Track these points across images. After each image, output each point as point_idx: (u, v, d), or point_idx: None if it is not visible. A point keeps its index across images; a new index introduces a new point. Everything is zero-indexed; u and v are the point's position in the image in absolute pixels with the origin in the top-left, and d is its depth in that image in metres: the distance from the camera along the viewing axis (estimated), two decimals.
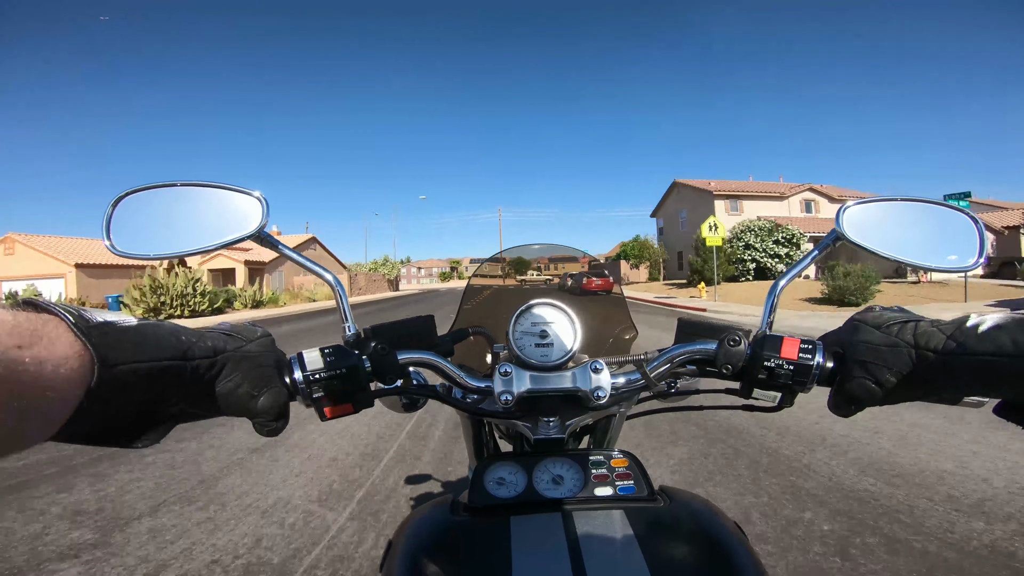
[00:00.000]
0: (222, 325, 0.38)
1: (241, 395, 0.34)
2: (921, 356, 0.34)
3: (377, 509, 1.70)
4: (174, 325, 0.33)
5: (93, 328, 0.26)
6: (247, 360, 0.35)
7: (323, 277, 0.48)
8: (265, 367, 0.36)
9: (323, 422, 0.42)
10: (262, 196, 0.45)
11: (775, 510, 1.64)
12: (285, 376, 0.38)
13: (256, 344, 0.37)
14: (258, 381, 0.35)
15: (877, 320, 0.39)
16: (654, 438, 2.39)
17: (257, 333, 0.38)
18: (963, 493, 1.72)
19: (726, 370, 0.43)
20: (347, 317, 0.46)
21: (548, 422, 0.47)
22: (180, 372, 0.31)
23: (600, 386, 0.44)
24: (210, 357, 0.33)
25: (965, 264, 0.45)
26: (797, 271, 0.47)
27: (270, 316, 12.56)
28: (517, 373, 0.45)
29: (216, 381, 0.33)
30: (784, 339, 0.41)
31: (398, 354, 0.43)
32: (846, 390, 0.38)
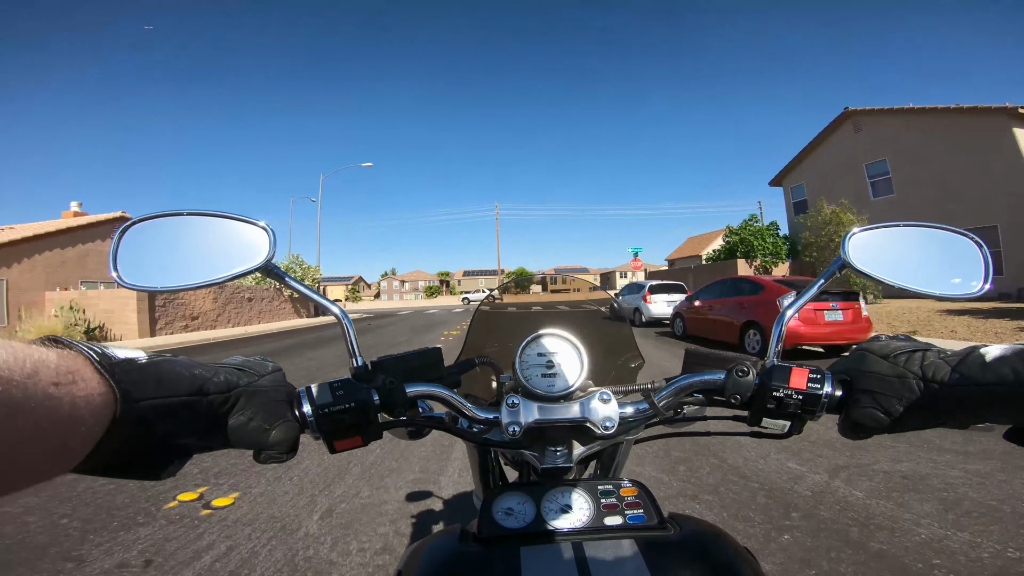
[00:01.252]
0: (234, 359, 0.42)
1: (253, 429, 0.37)
2: (928, 386, 0.38)
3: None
4: (190, 360, 0.37)
5: (116, 366, 0.29)
6: (259, 395, 0.38)
7: (330, 310, 0.50)
8: (276, 402, 0.39)
9: (332, 455, 0.45)
10: (268, 226, 0.48)
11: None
12: (295, 409, 0.41)
13: (268, 379, 0.40)
14: (270, 415, 0.39)
15: (884, 350, 0.43)
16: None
17: (268, 368, 0.42)
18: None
19: (735, 400, 0.47)
20: (355, 351, 0.49)
21: (555, 451, 0.51)
22: (196, 407, 0.34)
23: (608, 416, 0.47)
24: (224, 392, 0.36)
25: (970, 290, 0.49)
26: (805, 300, 0.51)
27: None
28: (524, 404, 0.48)
29: (230, 415, 0.37)
30: (793, 369, 0.45)
31: (406, 387, 0.46)
32: (854, 418, 0.42)
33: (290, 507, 2.10)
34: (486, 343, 0.75)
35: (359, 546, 1.75)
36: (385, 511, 2.04)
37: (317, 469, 2.58)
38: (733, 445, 2.75)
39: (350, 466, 2.60)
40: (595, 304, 0.83)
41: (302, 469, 2.57)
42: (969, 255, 0.51)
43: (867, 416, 0.41)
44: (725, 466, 2.48)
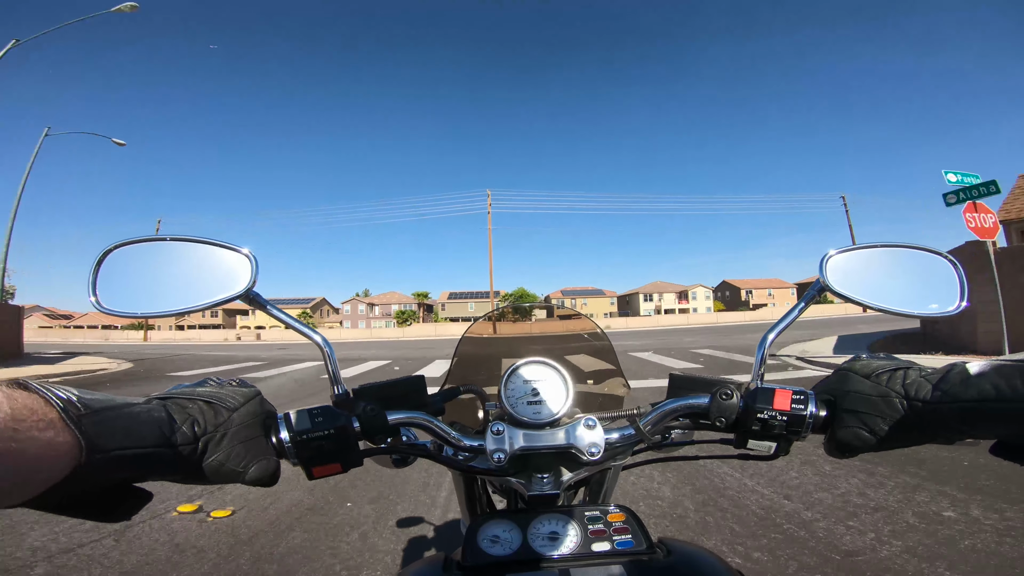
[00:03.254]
0: (205, 387, 0.46)
1: (227, 472, 0.43)
2: (911, 405, 0.45)
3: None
4: (163, 408, 0.41)
5: (84, 416, 0.33)
6: (228, 438, 0.43)
7: (312, 339, 0.56)
8: (250, 440, 0.44)
9: (310, 480, 0.50)
10: (251, 253, 0.54)
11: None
12: (272, 437, 0.47)
13: (242, 412, 0.45)
14: (244, 455, 0.43)
15: (866, 369, 0.50)
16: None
17: (241, 399, 0.46)
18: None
19: (720, 423, 0.53)
20: (336, 379, 0.55)
21: (542, 478, 0.57)
22: (164, 456, 0.39)
23: (594, 442, 0.54)
24: (192, 443, 0.41)
25: (947, 310, 0.57)
26: (786, 324, 0.58)
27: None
28: (509, 431, 0.55)
29: (202, 460, 0.42)
30: (776, 391, 0.51)
31: (388, 414, 0.52)
32: (840, 438, 0.49)
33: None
34: (471, 371, 0.83)
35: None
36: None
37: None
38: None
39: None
40: (582, 333, 0.91)
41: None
42: (945, 275, 0.59)
43: (852, 435, 0.48)
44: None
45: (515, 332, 1.04)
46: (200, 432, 0.41)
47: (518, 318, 1.04)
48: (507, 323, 1.01)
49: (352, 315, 71.49)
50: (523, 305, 1.90)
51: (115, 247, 0.52)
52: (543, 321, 1.06)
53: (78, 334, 49.29)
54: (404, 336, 42.64)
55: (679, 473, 2.95)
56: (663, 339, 17.88)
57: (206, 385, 0.47)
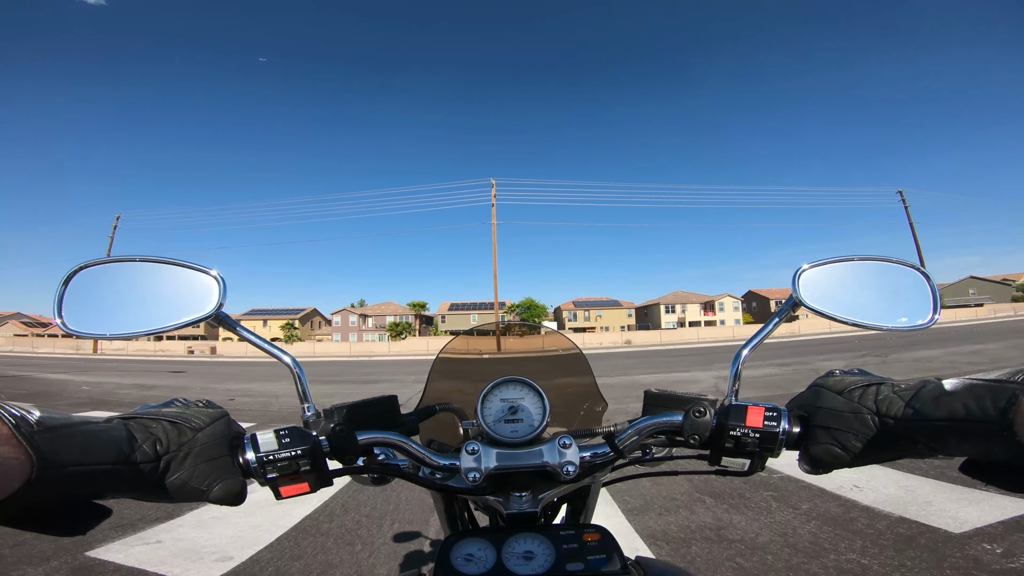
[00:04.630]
0: (171, 408, 0.51)
1: (190, 490, 0.47)
2: (883, 422, 0.49)
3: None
4: (123, 425, 0.44)
5: (37, 433, 0.36)
6: (192, 457, 0.47)
7: (281, 359, 0.61)
8: (215, 460, 0.48)
9: (278, 500, 0.55)
10: (219, 275, 0.59)
11: None
12: (239, 457, 0.51)
13: (206, 433, 0.49)
14: (208, 474, 0.48)
15: (838, 386, 0.53)
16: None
17: (207, 419, 0.50)
18: None
19: (693, 440, 0.58)
20: (307, 398, 0.60)
21: (520, 496, 0.62)
22: (123, 474, 0.42)
23: (569, 460, 0.59)
24: (153, 461, 0.45)
25: (920, 323, 0.62)
26: (760, 339, 0.63)
27: None
28: (484, 451, 0.59)
29: (164, 478, 0.46)
30: (749, 408, 0.56)
31: (359, 434, 0.57)
32: (813, 454, 0.53)
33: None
34: (448, 389, 0.88)
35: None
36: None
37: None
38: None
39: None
40: (561, 350, 0.97)
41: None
42: (917, 287, 0.64)
43: (825, 452, 0.52)
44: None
45: (493, 349, 1.09)
46: (162, 451, 0.45)
47: (496, 335, 1.10)
48: (485, 340, 1.07)
49: (343, 327, 71.40)
50: (489, 326, 1.96)
51: (82, 267, 0.56)
52: (521, 338, 1.12)
53: (51, 343, 50.02)
54: (385, 353, 40.60)
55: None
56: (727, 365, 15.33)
57: (172, 406, 0.52)
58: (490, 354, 1.06)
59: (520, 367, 0.98)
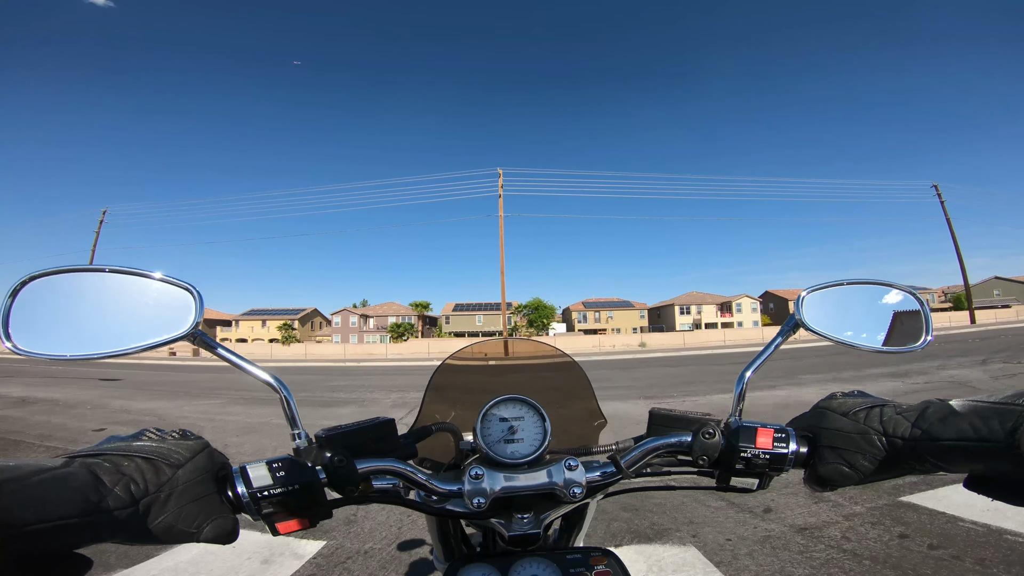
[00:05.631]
0: (142, 440, 0.47)
1: (178, 533, 0.44)
2: (891, 441, 0.52)
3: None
4: (86, 467, 0.40)
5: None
6: (175, 498, 0.44)
7: (263, 380, 0.57)
8: (202, 498, 0.46)
9: (275, 536, 0.53)
10: (195, 289, 0.55)
11: None
12: (228, 491, 0.49)
13: (188, 469, 0.46)
14: (196, 515, 0.45)
15: (843, 407, 0.57)
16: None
17: (187, 453, 0.47)
18: None
19: (702, 461, 0.60)
20: (297, 423, 0.58)
21: (523, 518, 0.63)
22: (96, 524, 0.39)
23: (575, 482, 0.60)
24: (130, 506, 0.41)
25: (913, 345, 0.65)
26: (763, 359, 0.65)
27: None
28: (489, 475, 0.60)
29: (146, 522, 0.42)
30: (758, 428, 0.58)
31: (357, 463, 0.56)
32: (821, 473, 0.56)
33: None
34: (444, 406, 0.89)
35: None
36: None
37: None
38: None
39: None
40: (558, 364, 0.97)
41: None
42: (911, 310, 0.67)
43: (833, 471, 0.55)
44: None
45: (489, 363, 1.10)
46: (139, 493, 0.42)
47: (488, 355, 1.11)
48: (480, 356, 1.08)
49: (343, 328, 71.58)
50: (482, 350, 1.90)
51: (33, 277, 0.51)
52: (517, 355, 1.12)
53: None
54: (381, 356, 38.32)
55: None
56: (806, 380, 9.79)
57: (143, 438, 0.48)
58: (495, 359, 1.07)
59: (518, 382, 0.98)
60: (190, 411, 8.52)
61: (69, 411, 8.28)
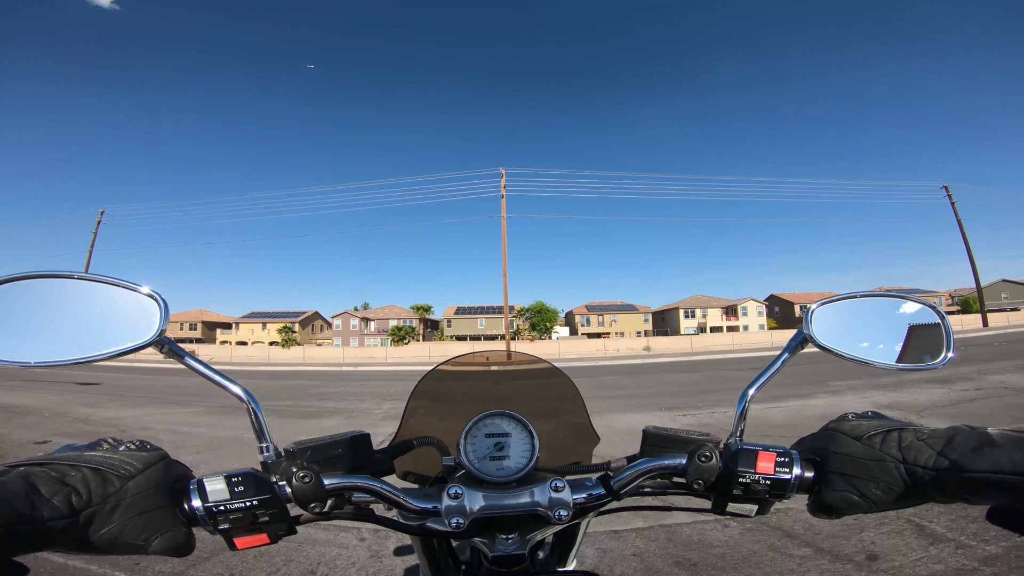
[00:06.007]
0: (96, 451, 0.46)
1: (123, 545, 0.43)
2: (910, 470, 0.49)
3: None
4: (21, 477, 0.40)
5: None
6: (121, 510, 0.43)
7: (231, 391, 0.57)
8: (151, 511, 0.44)
9: (232, 551, 0.52)
10: (159, 295, 0.55)
11: None
12: (184, 504, 0.48)
13: (138, 481, 0.45)
14: (143, 528, 0.44)
15: (856, 431, 0.53)
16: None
17: (139, 464, 0.46)
18: None
19: (697, 485, 0.57)
20: (265, 435, 0.57)
21: (507, 539, 0.61)
22: (23, 536, 0.38)
23: (562, 503, 0.58)
24: (68, 517, 0.40)
25: (932, 363, 0.61)
26: (767, 377, 0.62)
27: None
28: (469, 494, 0.57)
29: (87, 534, 0.42)
30: (759, 452, 0.55)
31: (326, 478, 0.54)
32: (828, 501, 0.53)
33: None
34: (428, 419, 0.87)
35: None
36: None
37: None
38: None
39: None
40: (549, 377, 0.95)
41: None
42: (930, 324, 0.63)
43: (841, 499, 0.52)
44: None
45: (475, 378, 1.08)
46: (81, 504, 0.41)
47: (477, 367, 1.08)
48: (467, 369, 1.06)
49: (344, 331, 71.54)
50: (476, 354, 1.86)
51: (1, 282, 0.51)
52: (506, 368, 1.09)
53: None
54: (380, 360, 38.10)
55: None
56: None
57: (98, 448, 0.48)
58: (476, 378, 1.04)
59: (507, 396, 0.95)
60: (155, 421, 7.97)
61: (21, 419, 7.81)
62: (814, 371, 10.78)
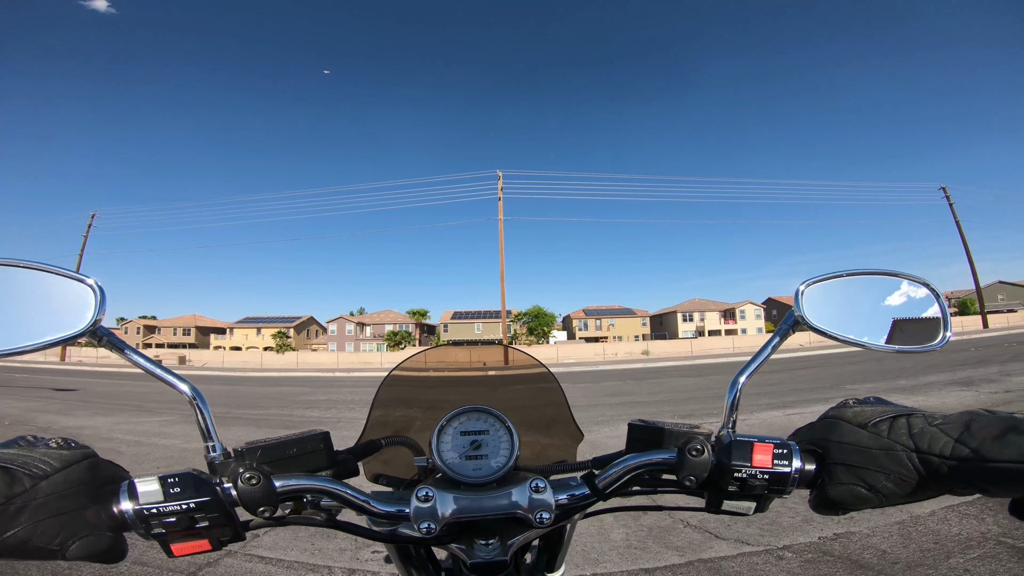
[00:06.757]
0: (10, 448, 0.43)
1: (31, 550, 0.40)
2: (924, 459, 0.45)
3: None
4: None
5: None
6: (30, 511, 0.39)
7: (177, 388, 0.54)
8: (67, 513, 0.41)
9: (170, 558, 0.48)
10: (96, 283, 0.52)
11: None
12: (112, 507, 0.44)
13: (54, 481, 0.41)
14: (56, 532, 0.40)
15: (859, 418, 0.49)
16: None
17: (59, 462, 0.42)
18: None
19: (689, 482, 0.54)
20: (211, 435, 0.54)
21: (487, 544, 0.57)
22: None
23: (543, 505, 0.54)
24: None
25: (932, 344, 0.58)
26: (758, 363, 0.59)
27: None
28: (440, 496, 0.54)
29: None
30: (755, 444, 0.51)
31: (278, 480, 0.50)
32: (832, 496, 0.49)
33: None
34: (399, 416, 0.82)
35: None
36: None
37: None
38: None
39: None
40: (530, 372, 0.91)
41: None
42: (926, 304, 0.60)
43: (847, 493, 0.48)
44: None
45: (453, 372, 1.04)
46: None
47: (456, 356, 1.04)
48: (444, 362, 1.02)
49: (340, 336, 71.46)
50: (462, 341, 1.83)
51: None
52: (488, 359, 1.05)
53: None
54: (376, 365, 37.49)
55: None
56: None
57: (13, 446, 0.44)
58: (450, 375, 1.00)
59: (485, 390, 0.92)
60: (124, 431, 7.43)
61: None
62: (832, 375, 10.77)
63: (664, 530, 3.09)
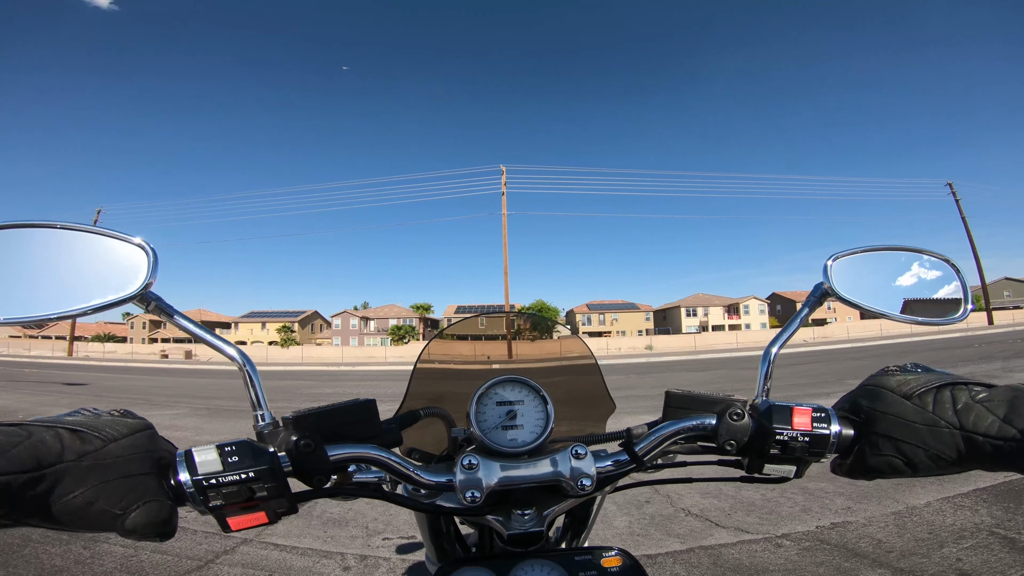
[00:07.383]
0: (74, 415, 0.42)
1: (95, 514, 0.38)
2: (968, 439, 0.43)
3: None
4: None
5: None
6: (100, 470, 0.38)
7: (225, 352, 0.53)
8: (133, 476, 0.39)
9: (226, 533, 0.46)
10: (148, 244, 0.51)
11: None
12: (169, 479, 0.43)
13: (121, 445, 0.40)
14: (122, 495, 0.38)
15: (903, 387, 0.48)
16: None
17: (124, 428, 0.41)
18: None
19: (730, 447, 0.54)
20: (260, 403, 0.53)
21: (523, 515, 0.57)
22: None
23: (584, 473, 0.54)
24: (30, 471, 0.34)
25: (954, 316, 0.60)
26: (789, 334, 0.61)
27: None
28: (484, 464, 0.54)
29: (51, 498, 0.36)
30: (794, 408, 0.52)
31: (330, 449, 0.50)
32: (870, 464, 0.49)
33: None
34: (434, 389, 0.82)
35: None
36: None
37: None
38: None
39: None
40: (563, 343, 0.90)
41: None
42: (947, 279, 0.63)
43: (885, 464, 0.48)
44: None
45: (485, 353, 1.05)
46: (50, 459, 0.36)
47: (488, 336, 1.05)
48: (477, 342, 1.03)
49: (344, 330, 71.43)
50: (494, 312, 1.83)
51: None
52: (521, 343, 1.07)
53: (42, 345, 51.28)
54: (380, 359, 37.95)
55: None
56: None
57: (78, 415, 0.43)
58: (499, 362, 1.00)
59: (517, 362, 0.92)
60: None
61: None
62: (834, 370, 10.66)
63: (666, 518, 3.14)
